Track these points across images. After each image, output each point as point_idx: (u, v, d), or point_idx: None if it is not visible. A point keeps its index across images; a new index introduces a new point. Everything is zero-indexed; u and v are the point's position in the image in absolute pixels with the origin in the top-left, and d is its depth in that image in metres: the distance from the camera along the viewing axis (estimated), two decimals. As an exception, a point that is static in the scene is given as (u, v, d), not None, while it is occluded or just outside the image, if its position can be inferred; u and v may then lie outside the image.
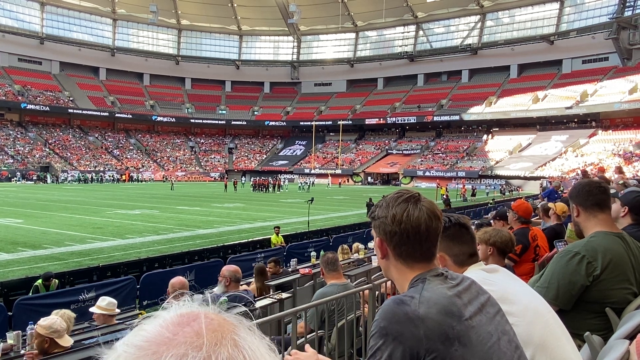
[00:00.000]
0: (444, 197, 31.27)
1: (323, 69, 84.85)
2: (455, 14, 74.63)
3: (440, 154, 66.22)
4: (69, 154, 63.39)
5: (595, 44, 62.83)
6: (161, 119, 75.92)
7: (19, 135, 63.53)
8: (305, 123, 77.27)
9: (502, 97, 67.91)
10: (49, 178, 54.60)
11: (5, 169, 54.55)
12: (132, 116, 73.52)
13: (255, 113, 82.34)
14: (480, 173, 57.11)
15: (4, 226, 19.19)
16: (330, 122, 75.14)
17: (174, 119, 77.05)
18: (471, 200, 38.56)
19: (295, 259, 9.38)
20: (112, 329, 4.80)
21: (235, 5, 79.27)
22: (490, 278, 1.80)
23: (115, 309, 5.16)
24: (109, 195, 37.38)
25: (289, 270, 8.50)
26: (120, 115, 72.49)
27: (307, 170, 67.37)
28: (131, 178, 61.55)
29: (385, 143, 73.56)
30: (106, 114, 71.76)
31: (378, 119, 73.32)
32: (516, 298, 1.77)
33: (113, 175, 59.94)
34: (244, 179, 61.14)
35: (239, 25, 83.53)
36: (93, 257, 13.64)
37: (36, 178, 53.62)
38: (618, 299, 2.33)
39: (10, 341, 4.56)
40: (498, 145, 63.98)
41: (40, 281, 8.44)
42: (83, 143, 67.88)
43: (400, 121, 72.53)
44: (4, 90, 63.90)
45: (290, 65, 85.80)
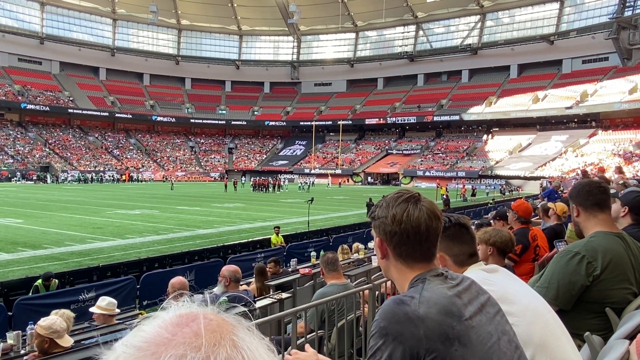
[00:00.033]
0: (444, 197, 31.25)
1: (323, 69, 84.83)
2: (455, 14, 74.61)
3: (440, 154, 66.20)
4: (69, 154, 63.40)
5: (595, 44, 62.82)
6: (161, 119, 75.92)
7: (19, 135, 63.53)
8: (305, 123, 77.26)
9: (502, 97, 67.90)
10: (49, 178, 54.59)
11: (5, 169, 54.54)
12: (132, 116, 73.53)
13: (255, 113, 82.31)
14: (480, 173, 57.10)
15: (4, 226, 19.20)
16: (330, 122, 75.12)
17: (174, 119, 77.06)
18: (471, 200, 38.54)
19: (295, 259, 9.37)
20: (112, 329, 4.80)
21: (235, 5, 79.26)
22: (490, 278, 1.80)
23: (115, 309, 5.15)
24: (109, 195, 37.37)
25: (289, 270, 8.50)
26: (120, 115, 72.51)
27: (307, 170, 67.34)
28: (131, 178, 61.54)
29: (385, 143, 73.53)
30: (106, 114, 71.79)
31: (378, 119, 73.31)
32: (516, 298, 1.77)
33: (113, 175, 59.94)
34: (244, 179, 61.10)
35: (239, 25, 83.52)
36: (93, 257, 13.64)
37: (36, 178, 53.61)
38: (618, 299, 2.33)
39: (10, 341, 4.56)
40: (498, 145, 63.97)
41: (40, 281, 8.44)
42: (83, 143, 67.87)
43: (400, 121, 72.52)
44: (4, 90, 63.90)
45: (290, 65, 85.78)
